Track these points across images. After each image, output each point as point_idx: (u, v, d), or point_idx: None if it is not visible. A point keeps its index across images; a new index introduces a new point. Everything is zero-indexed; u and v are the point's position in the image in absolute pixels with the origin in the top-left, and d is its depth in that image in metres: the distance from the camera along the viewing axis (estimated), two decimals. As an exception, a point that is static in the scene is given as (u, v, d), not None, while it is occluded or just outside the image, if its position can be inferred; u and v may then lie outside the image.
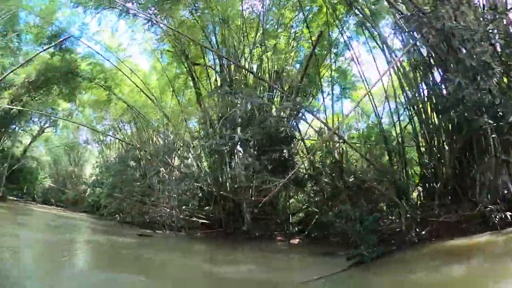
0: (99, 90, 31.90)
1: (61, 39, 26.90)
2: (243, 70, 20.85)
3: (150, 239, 19.80)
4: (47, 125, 47.41)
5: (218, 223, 20.60)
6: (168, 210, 22.30)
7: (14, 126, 40.64)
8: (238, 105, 15.98)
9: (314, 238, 18.48)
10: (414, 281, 8.76)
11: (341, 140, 18.20)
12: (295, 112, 14.19)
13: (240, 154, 19.38)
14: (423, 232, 11.59)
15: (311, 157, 16.98)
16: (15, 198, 45.47)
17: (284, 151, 15.10)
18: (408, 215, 11.89)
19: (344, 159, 17.81)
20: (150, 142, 31.45)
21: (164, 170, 24.41)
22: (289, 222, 21.22)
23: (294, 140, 16.83)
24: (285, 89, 18.88)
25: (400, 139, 16.98)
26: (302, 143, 19.43)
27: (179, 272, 12.43)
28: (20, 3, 24.99)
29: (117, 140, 45.11)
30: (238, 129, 16.82)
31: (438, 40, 11.13)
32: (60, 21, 27.23)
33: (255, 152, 16.26)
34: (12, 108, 34.17)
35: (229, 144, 17.43)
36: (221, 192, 20.39)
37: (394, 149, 17.12)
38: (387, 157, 18.11)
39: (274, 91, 20.01)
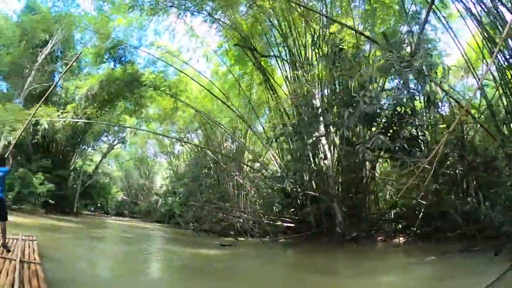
0: (165, 99, 30.25)
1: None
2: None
3: (235, 248, 17.61)
4: (115, 142, 48.04)
5: (306, 225, 18.03)
6: (248, 215, 19.96)
7: (84, 146, 41.39)
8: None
9: (420, 235, 14.99)
10: None
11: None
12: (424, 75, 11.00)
13: (325, 145, 16.93)
14: None
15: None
16: (89, 212, 46.21)
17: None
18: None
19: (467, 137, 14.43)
20: (223, 147, 29.21)
21: (239, 174, 22.46)
22: (386, 219, 18.16)
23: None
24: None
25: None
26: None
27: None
28: (73, 22, 23.71)
29: (184, 151, 45.55)
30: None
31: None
32: (116, 33, 25.94)
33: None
34: (80, 127, 34.25)
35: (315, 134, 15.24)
36: (307, 191, 17.71)
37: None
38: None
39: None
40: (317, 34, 17.89)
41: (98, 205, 53.56)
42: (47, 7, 27.49)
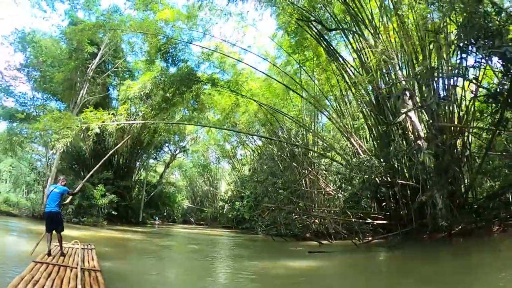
0: (224, 97, 27.72)
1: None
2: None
3: (325, 256, 13.67)
4: (177, 151, 47.50)
5: (399, 221, 14.72)
6: (332, 214, 16.88)
7: (146, 157, 41.26)
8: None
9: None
10: None
11: None
12: None
13: (415, 124, 13.57)
14: None
15: None
16: (156, 221, 45.90)
17: None
18: None
19: None
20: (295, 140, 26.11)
21: (316, 167, 19.54)
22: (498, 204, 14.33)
23: None
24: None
25: None
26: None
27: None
28: (118, 26, 21.85)
29: (248, 154, 44.52)
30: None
31: None
32: (165, 29, 23.38)
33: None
34: (141, 139, 33.34)
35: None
36: (399, 181, 14.38)
37: None
38: None
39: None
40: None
41: (165, 214, 53.41)
42: (90, 21, 26.00)
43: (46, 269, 6.92)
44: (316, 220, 19.08)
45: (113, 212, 27.30)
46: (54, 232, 8.81)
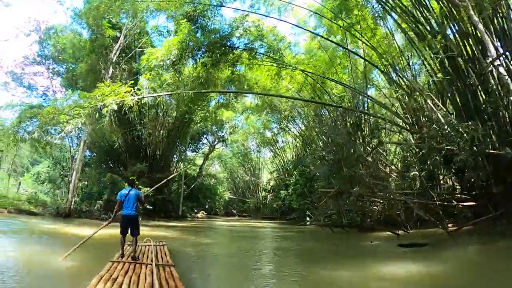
0: (263, 73, 24.24)
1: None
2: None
3: (425, 251, 10.24)
4: (216, 142, 44.87)
5: (489, 202, 11.01)
6: (409, 198, 13.06)
7: (183, 149, 38.73)
8: None
9: None
10: None
11: None
12: None
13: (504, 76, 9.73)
14: None
15: None
16: (197, 214, 43.97)
17: None
18: None
19: None
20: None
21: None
22: None
23: None
24: None
25: None
26: None
27: None
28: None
29: (290, 140, 41.87)
30: None
31: None
32: None
33: None
34: (177, 128, 30.77)
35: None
36: (491, 151, 10.54)
37: None
38: None
39: None
40: None
41: (206, 206, 51.02)
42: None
43: (123, 267, 7.13)
44: (379, 206, 15.52)
45: (148, 207, 24.39)
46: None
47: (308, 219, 25.15)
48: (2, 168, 46.44)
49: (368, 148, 15.94)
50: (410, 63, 18.08)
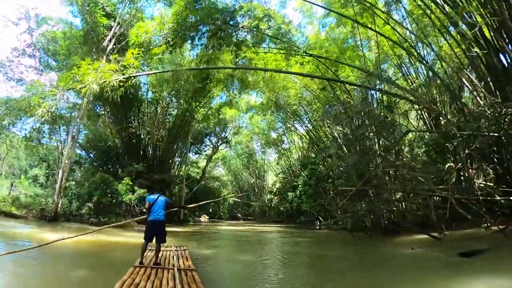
0: (270, 61, 21.56)
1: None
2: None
3: (495, 260, 7.66)
4: (219, 143, 42.98)
5: None
6: (451, 194, 10.62)
7: (184, 149, 35.86)
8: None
9: None
10: None
11: None
12: None
13: None
14: None
15: None
16: (200, 219, 42.00)
17: None
18: None
19: None
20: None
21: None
22: None
23: None
24: None
25: None
26: None
27: None
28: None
29: (295, 140, 39.27)
30: None
31: None
32: None
33: None
34: (177, 126, 28.80)
35: None
36: None
37: None
38: None
39: None
40: None
41: (210, 210, 49.27)
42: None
43: (145, 272, 6.97)
44: (409, 205, 13.21)
45: (145, 210, 21.23)
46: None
47: (318, 222, 22.89)
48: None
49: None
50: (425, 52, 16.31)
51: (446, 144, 10.76)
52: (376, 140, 14.28)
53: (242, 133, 44.18)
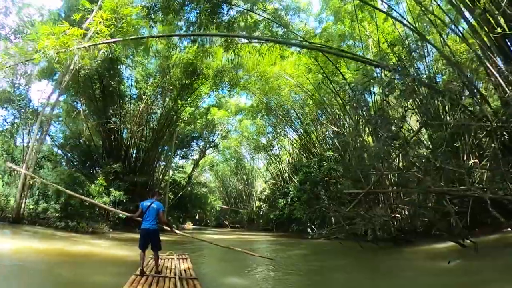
0: (265, 56, 19.84)
1: None
2: None
3: None
4: (207, 147, 40.34)
5: None
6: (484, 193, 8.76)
7: (168, 152, 33.54)
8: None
9: None
10: None
11: None
12: None
13: None
14: None
15: None
16: (184, 226, 39.99)
17: None
18: None
19: None
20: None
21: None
22: None
23: None
24: None
25: None
26: None
27: None
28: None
29: (285, 146, 38.04)
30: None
31: None
32: None
33: None
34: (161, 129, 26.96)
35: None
36: None
37: None
38: None
39: None
40: None
41: (196, 217, 47.56)
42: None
43: (146, 281, 6.85)
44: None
45: (122, 216, 17.66)
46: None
47: (311, 231, 20.94)
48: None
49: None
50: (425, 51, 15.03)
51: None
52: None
53: (231, 138, 42.29)
